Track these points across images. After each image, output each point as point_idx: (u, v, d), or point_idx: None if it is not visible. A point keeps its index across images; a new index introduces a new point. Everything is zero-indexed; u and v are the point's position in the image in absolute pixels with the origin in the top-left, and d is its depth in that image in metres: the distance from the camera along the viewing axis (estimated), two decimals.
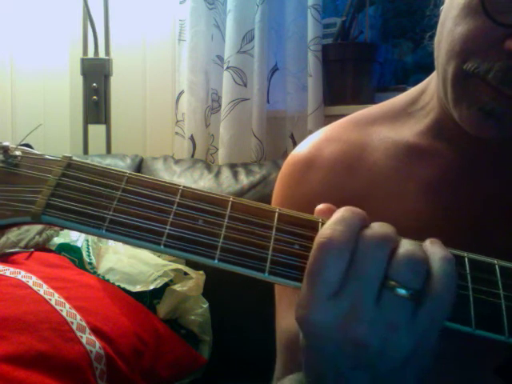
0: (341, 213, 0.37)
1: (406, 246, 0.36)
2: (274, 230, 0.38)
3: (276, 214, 0.39)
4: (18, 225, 0.36)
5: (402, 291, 0.34)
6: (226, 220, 0.38)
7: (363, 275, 0.35)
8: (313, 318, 0.35)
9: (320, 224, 0.39)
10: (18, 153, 0.38)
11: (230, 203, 0.39)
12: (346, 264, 0.35)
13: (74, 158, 0.39)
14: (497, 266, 0.39)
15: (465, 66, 0.47)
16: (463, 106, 0.48)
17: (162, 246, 0.37)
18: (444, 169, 0.55)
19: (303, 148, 0.62)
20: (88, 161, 0.39)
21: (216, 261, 0.36)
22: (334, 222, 0.36)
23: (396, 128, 0.59)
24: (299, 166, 0.61)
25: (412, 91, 0.61)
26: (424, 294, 0.35)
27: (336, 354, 0.36)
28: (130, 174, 0.39)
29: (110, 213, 0.37)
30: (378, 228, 0.37)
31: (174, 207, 0.38)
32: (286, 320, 0.58)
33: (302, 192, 0.59)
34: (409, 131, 0.58)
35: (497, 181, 0.54)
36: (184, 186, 0.39)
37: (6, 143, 0.37)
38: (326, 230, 0.36)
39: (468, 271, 0.39)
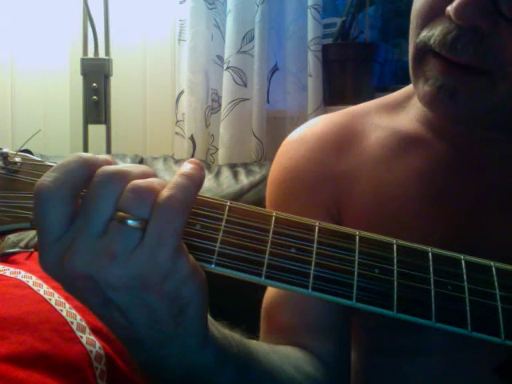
0: (63, 160, 0.36)
1: (136, 179, 0.36)
2: (270, 233, 0.38)
3: (273, 218, 0.39)
4: (16, 231, 0.36)
5: (131, 222, 0.34)
6: (223, 224, 0.38)
7: (90, 211, 0.35)
8: (41, 260, 0.36)
9: (317, 227, 0.39)
10: (17, 159, 0.38)
11: (227, 207, 0.39)
12: (70, 207, 0.35)
13: None
14: (493, 268, 0.39)
15: (417, 40, 0.48)
16: (420, 84, 0.50)
17: None
18: (435, 159, 0.56)
19: (298, 129, 0.66)
20: None
21: (213, 265, 0.37)
22: (52, 169, 0.35)
23: (389, 118, 0.61)
24: (290, 143, 0.65)
25: (409, 87, 0.62)
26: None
27: (73, 291, 0.37)
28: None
29: None
30: (112, 167, 0.36)
31: None
32: (268, 290, 0.62)
33: (291, 166, 0.62)
34: (401, 122, 0.60)
35: (495, 173, 0.55)
36: None
37: (5, 150, 0.37)
38: (42, 178, 0.35)
39: (465, 272, 0.39)
